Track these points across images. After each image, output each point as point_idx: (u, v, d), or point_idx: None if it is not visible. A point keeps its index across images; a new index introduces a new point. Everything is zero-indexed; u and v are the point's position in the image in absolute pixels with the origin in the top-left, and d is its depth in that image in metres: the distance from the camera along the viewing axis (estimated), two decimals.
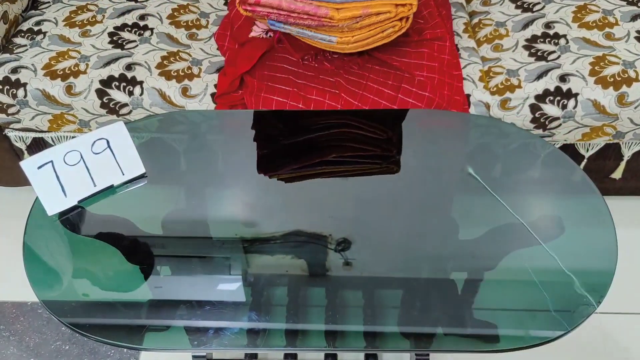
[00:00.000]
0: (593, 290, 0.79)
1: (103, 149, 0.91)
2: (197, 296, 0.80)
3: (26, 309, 1.36)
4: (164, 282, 0.83)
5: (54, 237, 0.88)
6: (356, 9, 1.01)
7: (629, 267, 1.35)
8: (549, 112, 1.17)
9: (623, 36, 1.23)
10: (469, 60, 1.26)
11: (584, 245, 0.86)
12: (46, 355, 1.28)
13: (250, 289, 0.82)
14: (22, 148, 1.35)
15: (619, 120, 1.18)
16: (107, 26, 1.32)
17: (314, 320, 0.77)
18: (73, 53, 1.26)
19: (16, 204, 1.54)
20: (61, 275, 0.84)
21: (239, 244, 0.85)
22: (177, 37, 1.32)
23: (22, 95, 1.22)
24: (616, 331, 1.21)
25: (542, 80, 1.18)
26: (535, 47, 1.24)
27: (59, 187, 0.89)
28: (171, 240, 0.88)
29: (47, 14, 1.37)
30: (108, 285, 0.83)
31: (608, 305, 0.91)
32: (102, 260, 0.86)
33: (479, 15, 1.39)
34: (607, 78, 1.16)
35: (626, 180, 1.36)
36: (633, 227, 1.47)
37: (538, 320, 0.77)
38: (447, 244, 0.85)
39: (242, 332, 0.76)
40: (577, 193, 0.93)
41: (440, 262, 0.83)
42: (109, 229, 0.89)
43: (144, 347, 0.77)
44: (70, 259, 0.86)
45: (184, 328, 0.77)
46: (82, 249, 0.87)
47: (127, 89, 1.21)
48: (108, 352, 1.28)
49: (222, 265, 0.84)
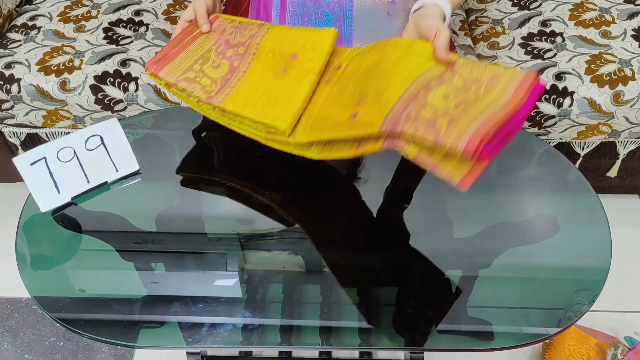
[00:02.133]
0: (587, 288, 0.80)
1: (97, 146, 0.91)
2: (192, 293, 0.80)
3: (20, 305, 1.35)
4: (158, 278, 0.83)
5: (47, 234, 0.88)
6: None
7: (623, 265, 1.36)
8: (544, 110, 1.18)
9: (619, 34, 1.23)
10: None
11: (579, 244, 0.86)
12: (40, 352, 1.27)
13: (245, 285, 0.82)
14: (17, 144, 1.34)
15: (614, 118, 1.18)
16: (102, 22, 1.31)
17: (309, 317, 0.77)
18: (67, 49, 1.25)
19: (10, 199, 1.53)
20: (54, 272, 0.83)
21: (235, 241, 0.85)
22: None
23: (16, 90, 1.21)
24: (610, 329, 1.22)
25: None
26: (532, 45, 1.24)
27: (52, 183, 0.88)
28: (165, 237, 0.88)
29: (42, 9, 1.36)
30: (102, 281, 0.82)
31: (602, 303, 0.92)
32: (96, 256, 0.85)
33: (475, 12, 1.39)
34: (603, 76, 1.16)
35: (621, 178, 1.36)
36: (628, 226, 1.47)
37: (532, 318, 0.77)
38: (442, 242, 0.85)
39: (236, 329, 0.76)
40: (572, 191, 0.93)
41: (435, 260, 0.83)
42: (103, 225, 0.88)
43: (138, 345, 0.76)
44: (63, 255, 0.86)
45: (178, 325, 0.77)
46: (76, 245, 0.86)
47: (122, 85, 1.21)
48: (103, 348, 1.28)
49: (217, 262, 0.84)
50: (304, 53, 0.86)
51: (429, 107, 0.68)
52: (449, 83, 0.71)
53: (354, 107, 0.74)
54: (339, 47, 0.88)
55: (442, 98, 0.69)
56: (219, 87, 0.86)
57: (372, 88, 0.76)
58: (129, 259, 0.85)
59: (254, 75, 0.87)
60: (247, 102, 0.82)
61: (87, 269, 0.84)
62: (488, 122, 0.64)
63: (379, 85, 0.75)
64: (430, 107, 0.68)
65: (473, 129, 0.63)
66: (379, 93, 0.73)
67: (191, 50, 0.92)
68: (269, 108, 0.81)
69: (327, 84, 0.83)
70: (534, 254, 0.83)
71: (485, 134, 0.62)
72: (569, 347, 1.14)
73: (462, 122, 0.64)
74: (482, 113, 0.65)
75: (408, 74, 0.74)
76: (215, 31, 0.94)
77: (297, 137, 0.78)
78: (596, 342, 1.15)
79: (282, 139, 0.80)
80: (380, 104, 0.71)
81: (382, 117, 0.69)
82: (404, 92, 0.71)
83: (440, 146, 0.64)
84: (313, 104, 0.81)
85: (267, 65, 0.87)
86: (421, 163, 0.67)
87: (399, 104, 0.69)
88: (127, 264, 0.84)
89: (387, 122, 0.68)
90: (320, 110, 0.79)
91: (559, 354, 1.14)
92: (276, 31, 0.91)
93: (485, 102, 0.67)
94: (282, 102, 0.81)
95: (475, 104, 0.67)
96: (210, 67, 0.89)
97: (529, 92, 0.68)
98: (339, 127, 0.73)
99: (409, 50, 0.78)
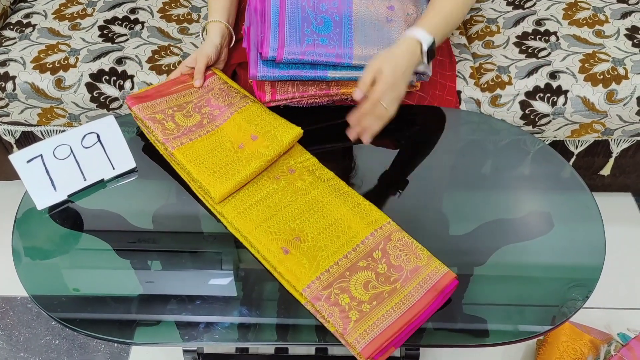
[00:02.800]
0: (581, 285, 0.80)
1: (93, 143, 0.91)
2: (188, 291, 0.80)
3: (15, 304, 1.35)
4: (154, 276, 0.83)
5: (44, 232, 0.88)
6: None
7: (616, 263, 1.37)
8: (538, 109, 1.18)
9: (613, 34, 1.24)
10: (460, 57, 1.26)
11: (573, 241, 0.87)
12: (36, 350, 1.27)
13: (241, 283, 0.82)
14: (11, 142, 1.34)
15: (607, 117, 1.19)
16: (97, 19, 1.31)
17: (306, 314, 0.77)
18: (63, 46, 1.25)
19: (5, 198, 1.53)
20: (50, 269, 0.83)
21: (231, 238, 0.85)
22: (168, 31, 1.31)
23: (11, 88, 1.21)
24: (603, 326, 1.23)
25: (532, 77, 1.19)
26: (526, 44, 1.25)
27: (48, 181, 0.88)
28: (162, 235, 0.88)
29: (37, 6, 1.35)
30: (98, 279, 0.82)
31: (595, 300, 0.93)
32: (92, 254, 0.85)
33: (470, 12, 1.40)
34: (596, 75, 1.17)
35: (615, 177, 1.37)
36: (621, 224, 1.49)
37: (527, 314, 0.78)
38: (438, 239, 0.85)
39: (233, 326, 0.77)
40: (567, 189, 0.94)
41: None
42: (99, 223, 0.88)
43: (134, 342, 0.76)
44: (59, 253, 0.86)
45: (174, 322, 0.77)
46: (72, 243, 0.86)
47: (117, 83, 1.21)
48: (98, 346, 1.28)
49: (214, 260, 0.84)
50: (265, 139, 0.91)
51: (347, 294, 0.75)
52: (373, 269, 0.78)
53: (287, 243, 0.80)
54: (300, 147, 0.94)
55: (362, 286, 0.76)
56: (179, 134, 0.92)
57: (310, 232, 0.82)
58: (126, 257, 0.85)
59: (213, 138, 0.93)
60: (194, 159, 0.89)
61: (83, 267, 0.84)
62: (391, 328, 0.72)
63: (318, 238, 0.81)
64: (349, 295, 0.75)
65: (374, 335, 0.71)
66: (314, 246, 0.80)
67: (173, 98, 0.98)
68: (209, 174, 0.87)
69: (274, 181, 0.89)
70: (529, 251, 0.84)
71: (384, 341, 0.71)
72: (562, 343, 1.15)
73: (369, 322, 0.72)
74: (390, 314, 0.73)
75: (346, 241, 0.81)
76: (204, 88, 1.00)
77: (225, 211, 0.85)
78: (590, 338, 1.16)
79: (209, 201, 0.87)
80: (312, 263, 0.78)
81: (309, 279, 0.76)
82: (334, 264, 0.78)
83: (345, 338, 0.72)
84: (255, 192, 0.87)
85: (228, 135, 0.93)
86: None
87: (325, 278, 0.76)
88: (123, 261, 0.84)
89: (310, 290, 0.75)
90: (257, 213, 0.85)
91: (553, 350, 1.14)
92: (252, 109, 0.96)
93: (398, 297, 0.75)
94: (224, 173, 0.87)
95: (389, 299, 0.75)
96: (181, 115, 0.95)
97: (442, 291, 0.76)
98: (269, 251, 0.80)
99: (358, 209, 0.85)
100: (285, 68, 0.96)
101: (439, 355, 1.25)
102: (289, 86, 1.00)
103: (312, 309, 0.76)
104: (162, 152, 0.94)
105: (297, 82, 1.00)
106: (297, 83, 1.00)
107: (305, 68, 0.96)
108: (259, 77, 0.96)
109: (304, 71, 0.96)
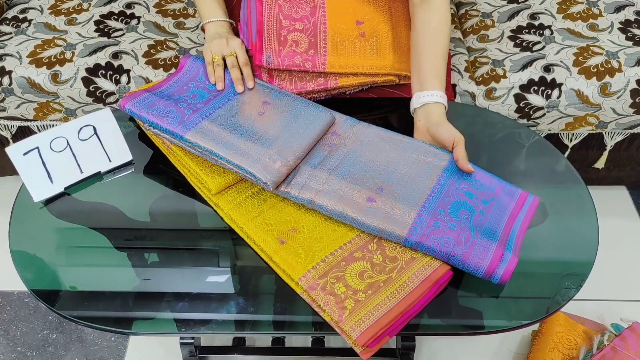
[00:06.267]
0: (573, 276, 0.81)
1: (90, 136, 0.91)
2: (186, 285, 0.80)
3: (12, 298, 1.35)
4: (151, 269, 0.83)
5: (40, 225, 0.88)
6: None
7: (610, 254, 1.38)
8: (533, 102, 1.19)
9: (607, 27, 1.25)
10: (455, 51, 1.27)
11: (567, 233, 0.87)
12: (33, 345, 1.27)
13: (238, 277, 0.82)
14: (8, 137, 1.34)
15: (601, 110, 1.20)
16: (93, 14, 1.31)
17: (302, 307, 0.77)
18: (59, 41, 1.25)
19: (1, 193, 1.53)
20: (46, 262, 0.83)
21: (227, 230, 0.86)
22: (164, 25, 1.31)
23: (7, 83, 1.21)
24: (597, 317, 1.24)
25: (526, 71, 1.19)
26: (521, 38, 1.26)
27: (45, 173, 0.88)
28: (159, 227, 0.89)
29: (32, 1, 1.35)
30: (94, 272, 0.83)
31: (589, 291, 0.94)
32: (88, 247, 0.86)
33: (465, 6, 1.41)
34: (590, 68, 1.18)
35: (609, 170, 1.38)
36: (614, 216, 1.50)
37: (521, 303, 0.79)
38: None
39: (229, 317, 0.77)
40: (561, 182, 0.95)
41: None
42: (96, 215, 0.89)
43: (132, 332, 0.77)
44: (56, 246, 0.86)
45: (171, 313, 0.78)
46: (69, 236, 0.87)
47: (113, 78, 1.21)
48: (96, 340, 1.28)
49: (210, 252, 0.85)
50: None
51: (343, 283, 0.75)
52: (369, 259, 0.78)
53: (283, 234, 0.81)
54: None
55: (357, 275, 0.77)
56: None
57: (306, 224, 0.83)
58: (122, 250, 0.85)
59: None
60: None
61: (80, 260, 0.84)
62: (386, 316, 0.73)
63: (314, 230, 0.82)
64: (344, 284, 0.75)
65: (369, 323, 0.72)
66: (310, 237, 0.81)
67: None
68: (208, 165, 0.88)
69: None
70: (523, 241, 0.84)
71: (378, 330, 0.71)
72: (557, 334, 1.16)
73: (364, 311, 0.73)
74: (385, 302, 0.74)
75: (342, 234, 0.81)
76: None
77: (222, 203, 0.86)
78: (584, 329, 1.17)
79: (206, 192, 0.88)
80: (307, 253, 0.79)
81: (304, 268, 0.77)
82: (330, 254, 0.79)
83: (340, 327, 0.73)
84: (252, 184, 0.88)
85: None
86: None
87: (321, 267, 0.77)
88: (120, 254, 0.85)
89: (306, 279, 0.76)
90: (254, 205, 0.85)
91: (548, 340, 1.15)
92: None
93: (394, 286, 0.75)
94: (217, 168, 0.88)
95: (384, 288, 0.75)
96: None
97: (436, 283, 0.77)
98: (265, 241, 0.80)
99: None
100: None
101: (435, 347, 1.26)
102: (287, 82, 1.00)
103: (308, 298, 0.76)
104: (159, 144, 0.94)
105: (295, 78, 1.00)
106: (294, 78, 1.01)
107: None
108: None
109: None
